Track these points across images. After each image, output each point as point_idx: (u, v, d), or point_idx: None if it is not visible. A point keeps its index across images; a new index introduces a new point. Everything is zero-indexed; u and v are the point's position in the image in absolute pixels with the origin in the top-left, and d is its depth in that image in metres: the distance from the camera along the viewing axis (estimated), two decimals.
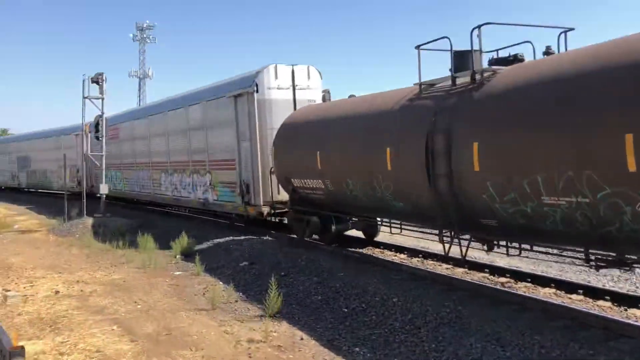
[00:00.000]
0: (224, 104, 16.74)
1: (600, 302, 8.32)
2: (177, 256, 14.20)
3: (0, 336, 2.95)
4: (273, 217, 16.07)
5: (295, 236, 14.35)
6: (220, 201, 17.45)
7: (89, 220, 20.09)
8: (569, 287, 9.04)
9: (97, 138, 22.22)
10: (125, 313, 9.16)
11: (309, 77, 16.03)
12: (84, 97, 21.43)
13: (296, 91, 15.76)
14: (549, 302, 8.06)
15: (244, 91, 15.61)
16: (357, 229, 13.59)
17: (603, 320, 7.10)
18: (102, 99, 21.50)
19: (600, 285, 9.28)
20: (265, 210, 15.20)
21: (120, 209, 24.98)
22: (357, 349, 7.22)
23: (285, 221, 15.87)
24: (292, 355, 7.13)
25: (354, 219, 12.85)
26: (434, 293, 9.03)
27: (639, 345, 6.40)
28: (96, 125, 22.10)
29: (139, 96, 74.87)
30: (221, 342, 7.60)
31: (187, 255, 14.16)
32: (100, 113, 21.84)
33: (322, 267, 11.17)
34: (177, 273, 12.41)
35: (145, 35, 75.07)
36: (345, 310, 8.79)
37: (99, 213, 20.92)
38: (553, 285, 9.25)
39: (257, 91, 15.27)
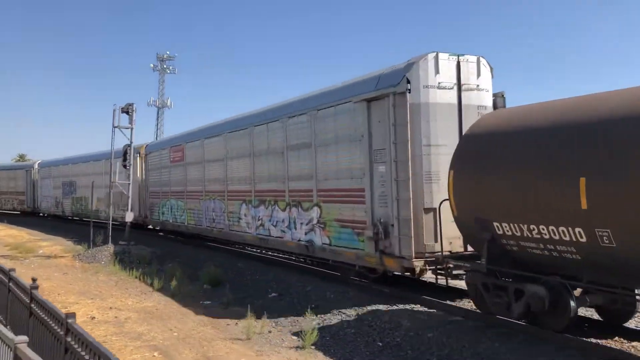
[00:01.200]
0: (346, 112, 12.68)
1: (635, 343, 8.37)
2: (205, 285, 14.39)
3: (110, 356, 3.17)
4: (433, 276, 10.98)
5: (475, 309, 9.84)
6: (335, 246, 12.99)
7: (113, 248, 20.36)
8: None
9: (125, 167, 22.71)
10: (163, 340, 9.34)
11: (478, 74, 11.49)
12: (114, 127, 21.96)
13: (462, 93, 11.29)
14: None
15: (386, 92, 11.28)
16: (591, 306, 9.10)
17: None
18: (132, 128, 22.05)
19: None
20: (418, 265, 10.69)
21: (145, 237, 25.23)
22: None
23: (435, 280, 11.01)
24: None
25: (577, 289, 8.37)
26: None
27: None
28: (124, 154, 22.63)
29: (157, 125, 76.12)
30: None
31: (214, 285, 14.34)
32: (128, 142, 22.39)
33: None
34: (207, 302, 12.59)
35: (165, 66, 76.64)
36: (380, 344, 8.93)
37: (123, 240, 21.22)
38: None
39: (409, 91, 10.93)
